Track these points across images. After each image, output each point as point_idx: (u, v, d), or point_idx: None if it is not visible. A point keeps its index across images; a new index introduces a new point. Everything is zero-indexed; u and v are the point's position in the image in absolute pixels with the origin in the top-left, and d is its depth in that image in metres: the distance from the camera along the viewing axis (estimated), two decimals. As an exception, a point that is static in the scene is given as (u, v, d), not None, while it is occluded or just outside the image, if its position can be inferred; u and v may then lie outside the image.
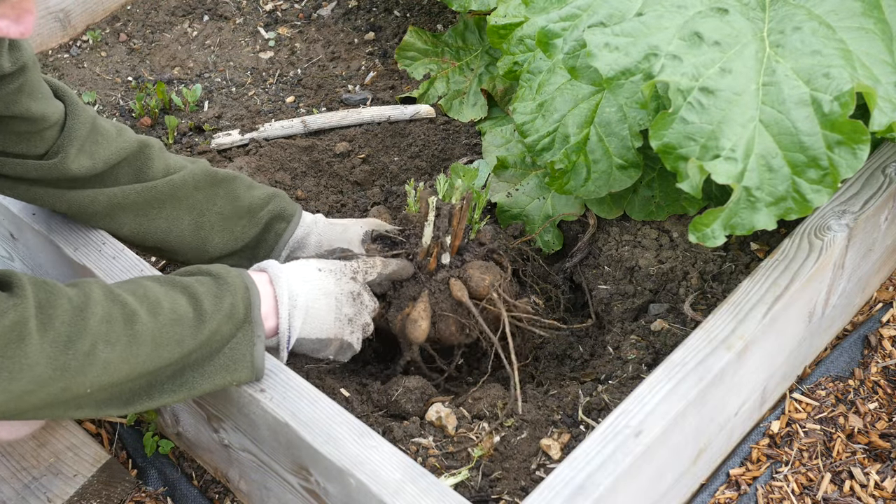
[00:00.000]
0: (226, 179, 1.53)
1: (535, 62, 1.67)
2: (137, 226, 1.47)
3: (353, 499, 1.20)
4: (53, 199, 1.43)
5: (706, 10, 1.42)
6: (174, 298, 1.24)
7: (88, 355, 1.13)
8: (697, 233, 1.31)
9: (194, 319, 1.23)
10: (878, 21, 1.39)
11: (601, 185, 1.60)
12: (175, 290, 1.25)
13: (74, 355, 1.12)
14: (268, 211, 1.56)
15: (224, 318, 1.25)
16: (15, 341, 1.07)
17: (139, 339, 1.18)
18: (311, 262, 1.44)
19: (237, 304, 1.27)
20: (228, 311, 1.26)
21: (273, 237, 1.56)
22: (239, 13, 2.52)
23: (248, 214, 1.54)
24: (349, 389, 1.51)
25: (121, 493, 1.56)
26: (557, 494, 1.14)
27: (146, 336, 1.18)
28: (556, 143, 1.62)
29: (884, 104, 1.31)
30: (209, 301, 1.25)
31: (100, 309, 1.16)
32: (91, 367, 1.13)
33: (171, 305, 1.22)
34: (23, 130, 1.34)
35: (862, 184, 1.52)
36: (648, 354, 1.52)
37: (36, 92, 1.33)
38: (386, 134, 2.08)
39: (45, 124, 1.35)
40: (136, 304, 1.20)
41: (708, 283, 1.59)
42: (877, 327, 1.73)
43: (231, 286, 1.28)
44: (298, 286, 1.37)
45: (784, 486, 1.51)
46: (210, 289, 1.27)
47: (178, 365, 1.22)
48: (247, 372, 1.26)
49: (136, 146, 1.46)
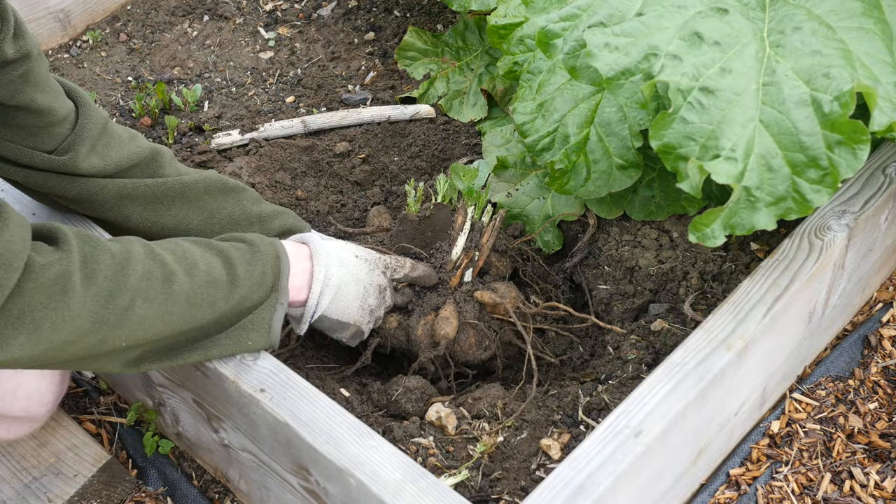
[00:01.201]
0: (237, 189, 1.56)
1: (535, 62, 1.67)
2: (145, 219, 1.49)
3: (353, 499, 1.20)
4: (64, 185, 1.43)
5: (706, 10, 1.42)
6: (210, 261, 1.27)
7: (127, 310, 1.16)
8: (697, 233, 1.31)
9: (227, 283, 1.26)
10: (878, 21, 1.39)
11: (601, 185, 1.60)
12: (211, 252, 1.29)
13: (114, 310, 1.15)
14: (279, 224, 1.58)
15: (255, 285, 1.29)
16: (59, 293, 1.10)
17: (175, 297, 1.21)
18: (350, 247, 1.48)
19: (267, 272, 1.31)
20: (259, 278, 1.30)
21: None
22: (239, 13, 2.52)
23: (258, 222, 1.56)
24: (349, 389, 1.51)
25: (121, 493, 1.56)
26: (557, 494, 1.14)
27: (182, 295, 1.21)
28: (556, 143, 1.62)
29: (884, 104, 1.31)
30: (242, 267, 1.29)
31: (140, 266, 1.19)
32: (128, 321, 1.17)
33: (206, 268, 1.25)
34: (30, 124, 1.35)
35: (862, 184, 1.52)
36: (648, 354, 1.52)
37: (42, 84, 1.34)
38: (386, 134, 2.08)
39: (53, 118, 1.36)
40: (174, 263, 1.23)
41: (708, 283, 1.59)
42: (877, 327, 1.73)
43: (264, 254, 1.32)
44: (335, 267, 1.41)
45: (784, 486, 1.51)
46: (244, 255, 1.30)
47: (208, 328, 1.26)
48: (263, 336, 1.30)
49: (149, 153, 1.49)
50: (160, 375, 1.49)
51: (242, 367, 1.30)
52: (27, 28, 1.32)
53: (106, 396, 1.72)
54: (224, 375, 1.30)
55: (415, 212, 1.65)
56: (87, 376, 1.77)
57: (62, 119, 1.37)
